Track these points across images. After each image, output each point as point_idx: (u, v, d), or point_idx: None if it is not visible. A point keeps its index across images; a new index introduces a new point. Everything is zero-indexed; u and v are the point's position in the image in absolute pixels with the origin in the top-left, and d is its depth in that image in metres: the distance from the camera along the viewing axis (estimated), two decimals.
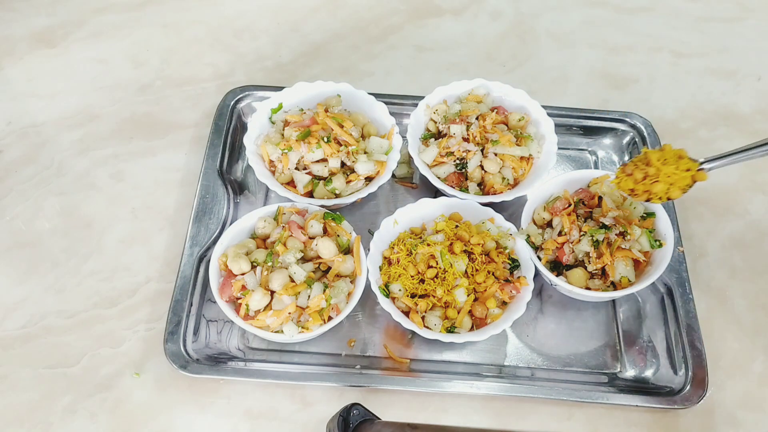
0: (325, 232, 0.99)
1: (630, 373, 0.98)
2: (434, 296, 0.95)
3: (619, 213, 0.98)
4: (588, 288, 0.97)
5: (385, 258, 1.01)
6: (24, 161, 1.17)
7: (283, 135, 1.09)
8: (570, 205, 1.01)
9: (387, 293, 0.96)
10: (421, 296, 0.96)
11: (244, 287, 0.93)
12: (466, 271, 0.97)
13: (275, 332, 0.92)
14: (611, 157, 1.21)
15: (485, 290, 0.96)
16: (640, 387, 0.96)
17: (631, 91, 1.32)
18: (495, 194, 1.07)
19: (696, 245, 1.11)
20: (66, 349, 0.98)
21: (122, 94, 1.27)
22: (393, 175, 1.10)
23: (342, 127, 1.07)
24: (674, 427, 0.94)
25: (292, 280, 0.93)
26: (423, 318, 0.94)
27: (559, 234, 0.99)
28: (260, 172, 1.06)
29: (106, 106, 1.25)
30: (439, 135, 1.13)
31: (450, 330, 0.94)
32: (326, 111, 1.10)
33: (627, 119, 1.21)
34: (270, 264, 0.94)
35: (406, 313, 0.96)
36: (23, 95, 1.26)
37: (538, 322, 1.02)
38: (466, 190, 1.08)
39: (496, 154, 1.07)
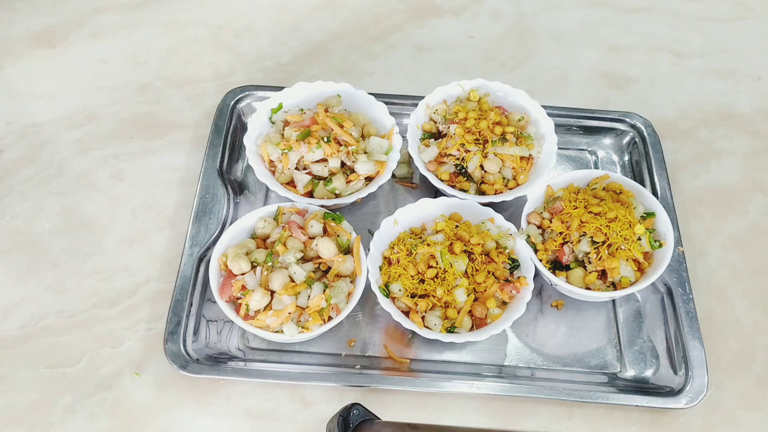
0: (325, 232, 0.99)
1: (630, 373, 0.98)
2: (434, 296, 0.95)
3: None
4: (588, 288, 0.97)
5: (385, 258, 1.01)
6: (24, 161, 1.17)
7: (283, 135, 1.09)
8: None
9: (387, 293, 0.96)
10: (421, 296, 0.96)
11: (244, 287, 0.93)
12: (466, 271, 0.97)
13: (275, 332, 0.92)
14: (611, 157, 1.21)
15: (485, 290, 0.96)
16: (640, 387, 0.96)
17: (631, 91, 1.32)
18: (495, 194, 1.07)
19: (696, 245, 1.11)
20: (66, 349, 0.98)
21: (122, 94, 1.27)
22: (393, 175, 1.10)
23: (342, 127, 1.07)
24: (674, 427, 0.94)
25: (292, 280, 0.93)
26: (423, 318, 0.94)
27: (559, 234, 0.99)
28: (260, 172, 1.06)
29: (106, 106, 1.25)
30: (439, 135, 1.13)
31: (450, 330, 0.94)
32: (326, 111, 1.10)
33: (627, 119, 1.21)
34: (270, 264, 0.94)
35: (406, 313, 0.96)
36: (23, 95, 1.27)
37: (538, 322, 1.02)
38: (466, 190, 1.08)
39: (496, 154, 1.07)
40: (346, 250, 0.99)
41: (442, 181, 1.08)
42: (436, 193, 1.10)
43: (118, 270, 1.05)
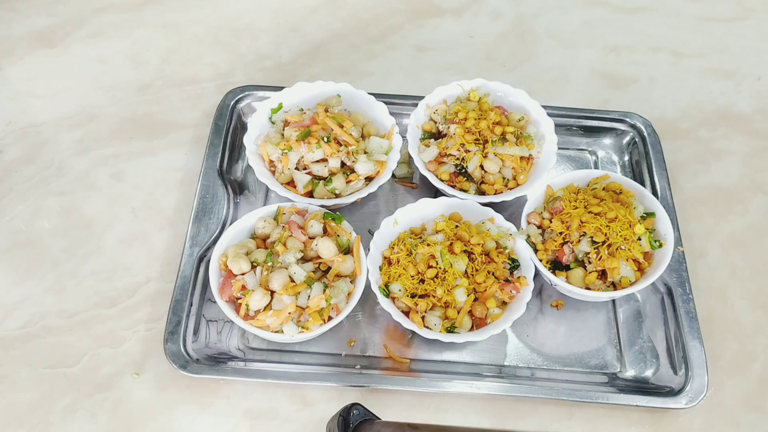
0: (325, 232, 0.99)
1: (630, 373, 0.98)
2: (434, 296, 0.95)
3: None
4: (588, 288, 0.97)
5: (385, 258, 1.01)
6: (24, 161, 1.17)
7: (283, 135, 1.09)
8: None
9: (387, 293, 0.96)
10: (421, 296, 0.96)
11: (244, 287, 0.93)
12: (466, 271, 0.97)
13: (275, 332, 0.92)
14: (611, 157, 1.21)
15: (485, 290, 0.96)
16: (640, 387, 0.96)
17: (631, 91, 1.32)
18: (495, 194, 1.07)
19: (696, 245, 1.11)
20: (66, 349, 0.98)
21: (122, 94, 1.27)
22: (393, 175, 1.10)
23: (342, 127, 1.07)
24: (674, 427, 0.94)
25: (292, 280, 0.93)
26: (423, 318, 0.94)
27: (559, 234, 0.99)
28: (260, 172, 1.06)
29: (106, 106, 1.25)
30: (439, 135, 1.13)
31: (450, 330, 0.94)
32: (326, 111, 1.10)
33: (627, 119, 1.21)
34: (270, 264, 0.94)
35: (406, 313, 0.96)
36: (23, 95, 1.27)
37: (538, 322, 1.02)
38: (466, 190, 1.08)
39: (496, 154, 1.07)
40: (346, 250, 0.99)
41: (442, 181, 1.08)
42: (436, 193, 1.10)
43: (118, 270, 1.05)
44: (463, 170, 1.08)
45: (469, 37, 1.39)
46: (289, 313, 0.91)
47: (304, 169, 1.06)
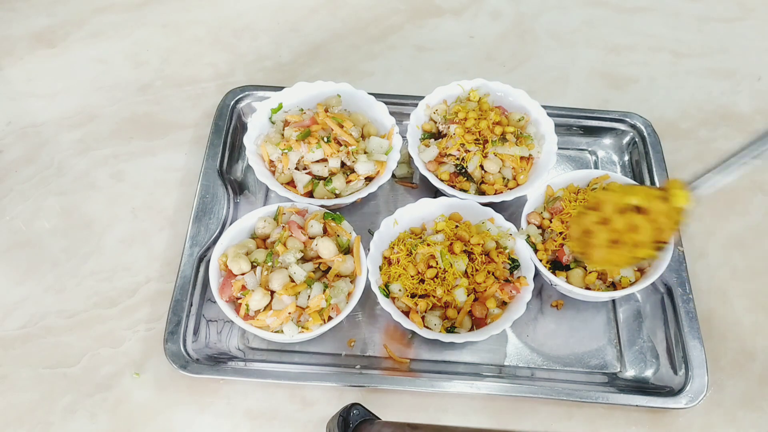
0: (325, 232, 0.99)
1: (630, 373, 0.98)
2: (434, 296, 0.95)
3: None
4: (588, 288, 0.97)
5: (385, 258, 1.01)
6: (24, 161, 1.17)
7: (283, 135, 1.09)
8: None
9: (387, 293, 0.96)
10: (421, 296, 0.96)
11: (244, 287, 0.93)
12: (466, 271, 0.97)
13: (275, 332, 0.92)
14: (611, 157, 1.21)
15: (485, 290, 0.96)
16: (640, 387, 0.96)
17: (631, 91, 1.32)
18: (495, 194, 1.07)
19: (696, 245, 1.11)
20: (66, 349, 0.98)
21: (122, 94, 1.27)
22: (393, 175, 1.10)
23: (342, 127, 1.07)
24: (674, 427, 0.94)
25: (292, 280, 0.93)
26: (423, 318, 0.94)
27: (559, 234, 0.99)
28: (260, 172, 1.06)
29: (106, 106, 1.25)
30: (439, 135, 1.13)
31: (450, 330, 0.94)
32: (326, 111, 1.10)
33: (627, 119, 1.21)
34: (270, 264, 0.94)
35: (406, 313, 0.96)
36: (23, 95, 1.27)
37: (538, 322, 1.02)
38: (466, 190, 1.08)
39: (496, 154, 1.07)
40: (346, 250, 0.99)
41: (442, 181, 1.08)
42: (436, 193, 1.10)
43: (118, 270, 1.05)
44: (463, 170, 1.08)
45: (469, 37, 1.39)
46: (289, 313, 0.91)
47: (304, 169, 1.06)
